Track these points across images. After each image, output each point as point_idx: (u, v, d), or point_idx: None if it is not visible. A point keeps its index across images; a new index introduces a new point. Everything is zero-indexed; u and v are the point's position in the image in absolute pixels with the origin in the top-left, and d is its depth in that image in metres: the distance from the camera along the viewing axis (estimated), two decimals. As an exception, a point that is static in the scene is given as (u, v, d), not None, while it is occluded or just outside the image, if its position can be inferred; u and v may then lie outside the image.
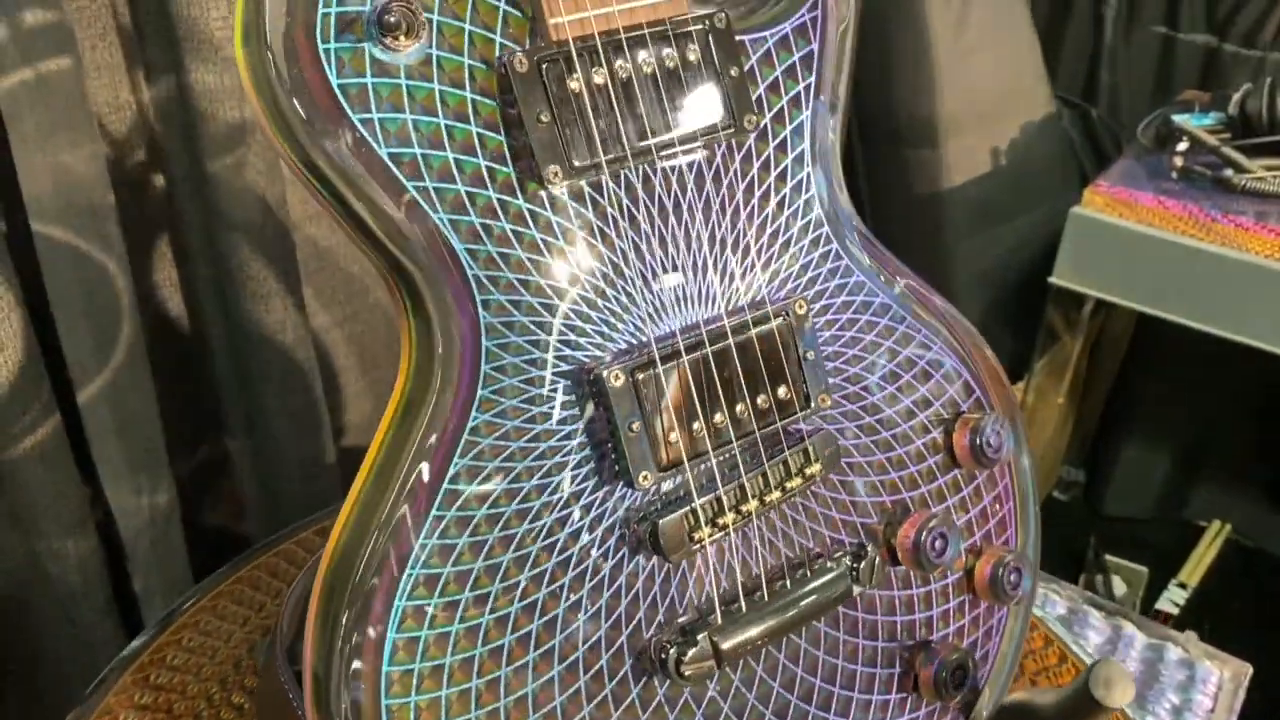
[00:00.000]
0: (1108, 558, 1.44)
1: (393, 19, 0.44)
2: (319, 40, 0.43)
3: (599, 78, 0.49)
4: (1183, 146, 1.19)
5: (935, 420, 0.59)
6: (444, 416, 0.47)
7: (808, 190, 0.56)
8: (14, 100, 0.68)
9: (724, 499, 0.52)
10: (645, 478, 0.50)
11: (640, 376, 0.49)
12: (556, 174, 0.47)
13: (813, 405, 0.54)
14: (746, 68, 0.53)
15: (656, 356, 0.50)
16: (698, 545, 0.51)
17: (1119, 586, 1.43)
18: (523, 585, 0.48)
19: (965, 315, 0.62)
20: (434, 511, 0.47)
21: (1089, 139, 1.46)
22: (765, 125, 0.54)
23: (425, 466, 0.47)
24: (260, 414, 0.87)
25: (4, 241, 0.69)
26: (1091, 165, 1.45)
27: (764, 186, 0.54)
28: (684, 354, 0.50)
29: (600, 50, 0.48)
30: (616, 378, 0.49)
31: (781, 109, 0.54)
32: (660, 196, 0.51)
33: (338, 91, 0.44)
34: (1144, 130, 1.25)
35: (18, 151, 0.69)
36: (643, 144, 0.49)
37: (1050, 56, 1.44)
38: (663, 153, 0.50)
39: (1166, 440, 1.50)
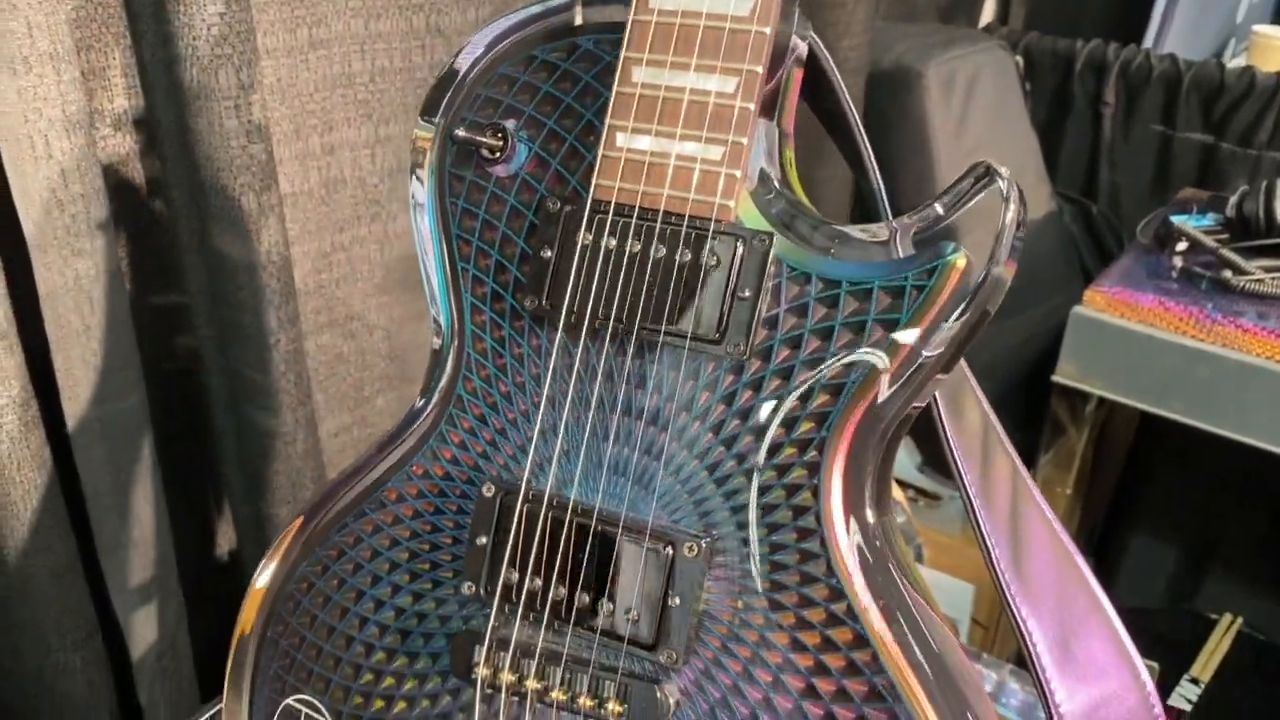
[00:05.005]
0: (1118, 653, 1.43)
1: (494, 135, 0.53)
2: (452, 136, 0.54)
3: (607, 243, 0.51)
4: (1182, 247, 1.20)
5: None
6: (404, 452, 0.56)
7: (809, 452, 0.49)
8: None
9: (508, 659, 0.52)
10: (469, 588, 0.53)
11: (505, 502, 0.53)
12: (532, 303, 0.53)
13: (657, 655, 0.50)
14: (794, 303, 0.48)
15: (523, 495, 0.53)
16: (473, 681, 0.53)
17: (1130, 682, 1.42)
18: (372, 595, 0.56)
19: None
20: (337, 537, 0.56)
21: (1090, 234, 1.48)
22: (793, 365, 0.49)
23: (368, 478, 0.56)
24: (267, 523, 0.88)
25: (24, 368, 0.71)
26: (1093, 260, 1.47)
27: (746, 418, 0.49)
28: (548, 510, 0.52)
29: (615, 219, 0.51)
30: (489, 489, 0.53)
31: (821, 358, 0.48)
32: (598, 366, 0.51)
33: (447, 174, 0.55)
34: (1143, 230, 1.27)
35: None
36: (609, 315, 0.51)
37: (1050, 155, 1.47)
38: (624, 332, 0.51)
39: (1176, 530, 1.49)
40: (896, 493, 1.36)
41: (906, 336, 0.47)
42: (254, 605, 0.57)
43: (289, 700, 0.57)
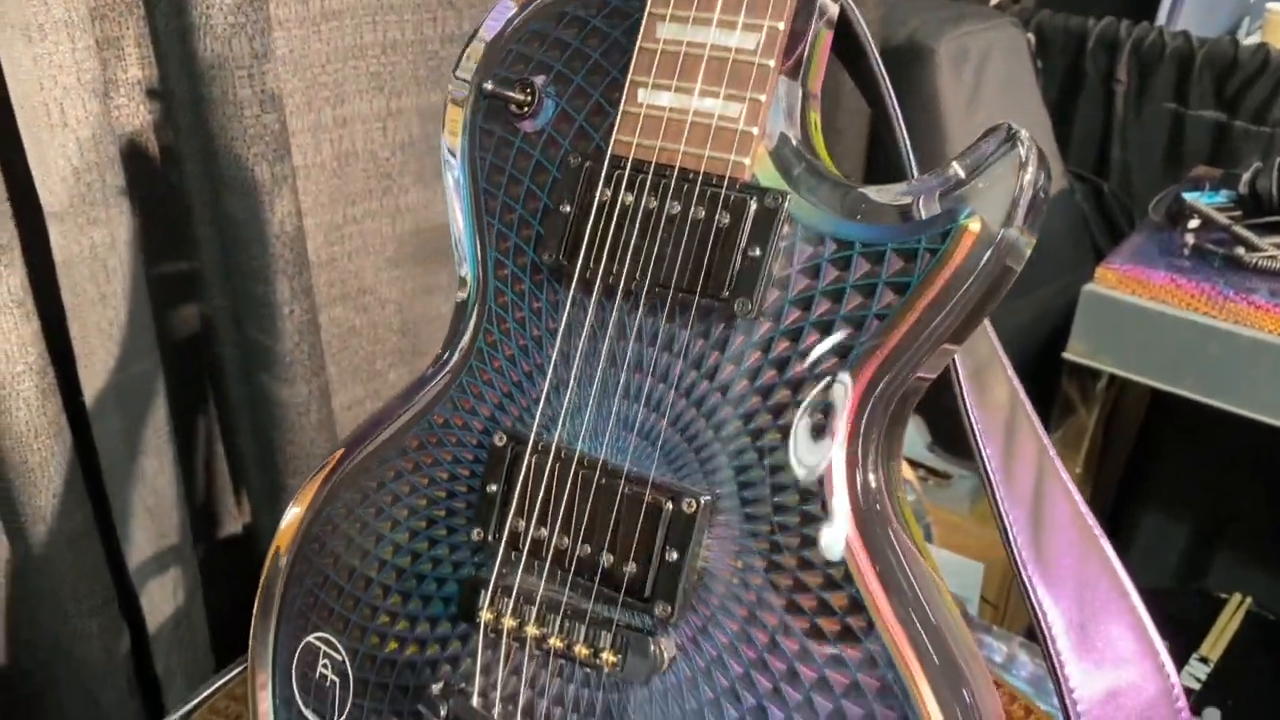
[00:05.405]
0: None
1: (521, 90, 0.54)
2: (483, 89, 0.55)
3: (624, 199, 0.51)
4: (1194, 224, 1.20)
5: None
6: (427, 401, 0.57)
7: (812, 415, 0.48)
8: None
9: (510, 605, 0.53)
10: (478, 534, 0.54)
11: (515, 452, 0.54)
12: (550, 258, 0.53)
13: (653, 608, 0.50)
14: (807, 263, 0.48)
15: (531, 445, 0.53)
16: (478, 624, 0.54)
17: (1138, 660, 1.42)
18: (390, 539, 0.57)
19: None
20: (362, 481, 0.57)
21: (1101, 212, 1.48)
22: (802, 327, 0.48)
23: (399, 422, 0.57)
24: (281, 494, 0.88)
25: (41, 335, 0.72)
26: (1104, 238, 1.47)
27: (754, 378, 0.49)
28: (554, 462, 0.53)
29: (633, 175, 0.51)
30: (500, 439, 0.54)
31: (831, 321, 0.48)
32: (610, 321, 0.52)
33: (478, 130, 0.56)
34: (1155, 207, 1.26)
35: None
36: (623, 270, 0.51)
37: (1062, 132, 1.46)
38: (637, 288, 0.51)
39: (1186, 509, 1.49)
40: (906, 471, 1.36)
41: (915, 302, 0.46)
42: (286, 536, 0.58)
43: (309, 637, 0.58)
